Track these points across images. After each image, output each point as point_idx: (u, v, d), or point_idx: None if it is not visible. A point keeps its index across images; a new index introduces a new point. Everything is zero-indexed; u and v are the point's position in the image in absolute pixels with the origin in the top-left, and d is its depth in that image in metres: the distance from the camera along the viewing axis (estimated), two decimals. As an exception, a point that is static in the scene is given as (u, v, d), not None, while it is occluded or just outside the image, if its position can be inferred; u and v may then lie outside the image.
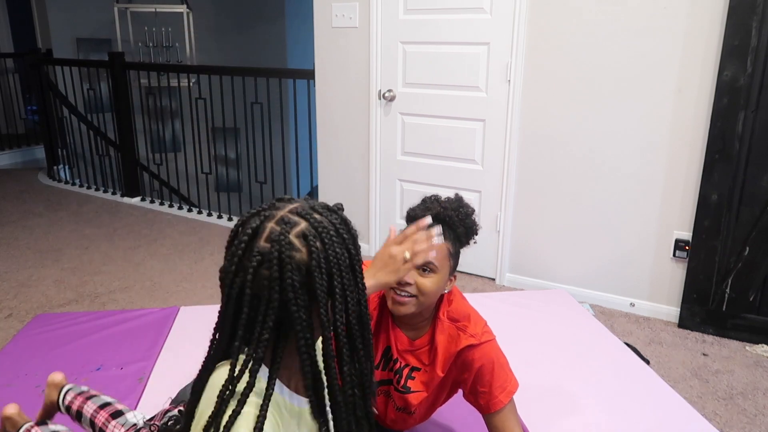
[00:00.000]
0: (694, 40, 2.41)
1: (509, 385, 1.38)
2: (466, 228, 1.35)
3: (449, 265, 1.33)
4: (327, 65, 3.31)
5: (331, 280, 0.83)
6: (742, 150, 2.36)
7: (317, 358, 0.86)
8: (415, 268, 1.27)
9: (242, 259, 0.82)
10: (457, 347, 1.36)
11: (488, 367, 1.36)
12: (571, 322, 2.47)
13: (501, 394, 1.36)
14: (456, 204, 1.36)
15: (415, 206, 1.39)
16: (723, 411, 2.00)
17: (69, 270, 3.15)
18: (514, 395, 1.38)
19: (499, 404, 1.36)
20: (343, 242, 0.84)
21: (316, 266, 0.81)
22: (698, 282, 2.54)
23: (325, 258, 0.82)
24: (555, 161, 2.81)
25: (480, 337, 1.37)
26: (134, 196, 4.60)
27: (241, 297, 0.81)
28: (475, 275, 3.17)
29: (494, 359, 1.37)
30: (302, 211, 0.85)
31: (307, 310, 0.81)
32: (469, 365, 1.37)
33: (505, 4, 2.76)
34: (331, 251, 0.82)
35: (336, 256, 0.83)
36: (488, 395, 1.36)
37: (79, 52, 5.70)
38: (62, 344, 2.20)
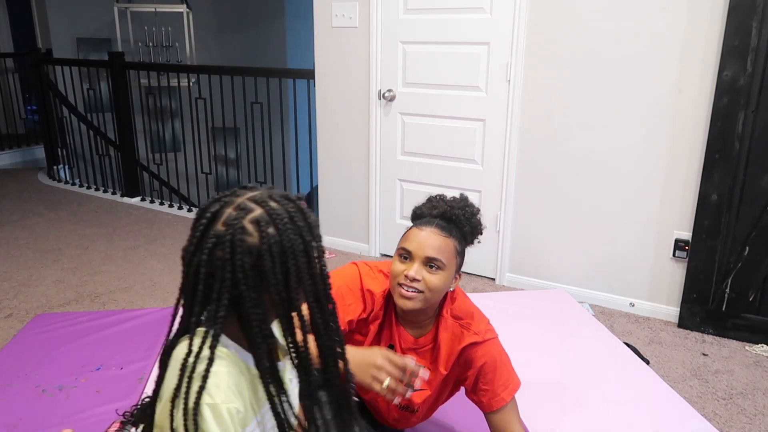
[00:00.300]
0: (694, 40, 2.42)
1: (511, 383, 1.38)
2: (471, 227, 1.36)
3: (456, 263, 1.33)
4: (327, 65, 3.31)
5: (285, 264, 0.88)
6: (742, 150, 2.36)
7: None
8: (423, 265, 1.28)
9: (200, 240, 0.89)
10: (460, 345, 1.37)
11: (491, 365, 1.36)
12: (571, 322, 2.47)
13: (503, 392, 1.36)
14: (462, 203, 1.37)
15: (421, 205, 1.41)
16: (723, 411, 2.00)
17: (69, 270, 3.15)
18: (516, 393, 1.39)
19: (501, 402, 1.36)
20: (298, 229, 0.90)
21: (267, 250, 0.87)
22: (698, 282, 2.54)
23: (277, 243, 0.88)
24: (555, 161, 2.81)
25: (483, 334, 1.37)
26: (134, 196, 4.60)
27: (198, 275, 0.89)
28: (475, 275, 3.17)
29: (497, 357, 1.37)
30: (259, 198, 0.91)
31: (256, 290, 0.88)
32: (472, 363, 1.37)
33: (505, 4, 2.76)
34: (284, 237, 0.88)
35: (290, 241, 0.88)
36: (491, 393, 1.36)
37: (79, 52, 5.70)
38: (62, 344, 2.20)
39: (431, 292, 1.29)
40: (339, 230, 3.52)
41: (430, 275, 1.28)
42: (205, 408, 0.89)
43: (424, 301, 1.30)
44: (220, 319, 0.89)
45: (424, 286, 1.28)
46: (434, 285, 1.28)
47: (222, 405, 0.90)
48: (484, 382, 1.37)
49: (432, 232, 1.30)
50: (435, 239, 1.29)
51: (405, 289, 1.28)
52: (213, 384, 0.90)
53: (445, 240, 1.30)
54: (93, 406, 1.80)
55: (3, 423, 1.72)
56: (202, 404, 0.89)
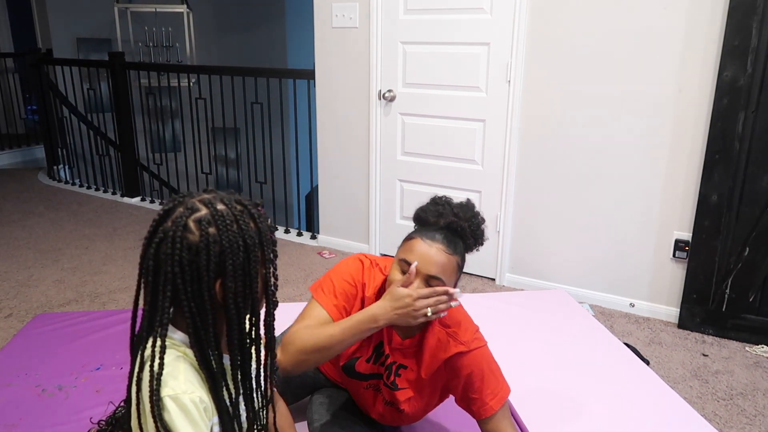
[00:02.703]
0: (694, 40, 2.42)
1: (501, 391, 1.37)
2: (475, 239, 1.35)
3: (455, 279, 1.32)
4: (327, 65, 3.31)
5: (223, 263, 0.94)
6: (742, 150, 2.36)
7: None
8: (422, 280, 1.27)
9: (151, 235, 0.96)
10: (446, 354, 1.36)
11: (478, 374, 1.35)
12: (570, 322, 2.47)
13: (492, 401, 1.35)
14: (469, 214, 1.35)
15: (426, 207, 1.38)
16: (723, 411, 2.00)
17: (69, 270, 3.15)
18: (506, 400, 1.37)
19: (490, 410, 1.35)
20: (241, 232, 0.95)
21: (204, 248, 0.93)
22: (698, 282, 2.54)
23: (216, 242, 0.94)
24: (555, 161, 2.81)
25: (470, 344, 1.36)
26: (134, 196, 4.60)
27: (147, 269, 0.96)
28: (475, 275, 3.17)
29: (484, 366, 1.36)
30: (207, 200, 0.98)
31: (191, 285, 0.94)
32: (459, 372, 1.36)
33: (505, 4, 2.76)
34: (224, 237, 0.94)
35: (229, 242, 0.94)
36: (480, 401, 1.36)
37: (79, 52, 5.70)
38: (62, 344, 2.20)
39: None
40: (339, 230, 3.52)
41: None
42: (167, 400, 0.92)
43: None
44: (165, 310, 0.94)
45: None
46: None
47: (184, 395, 0.93)
48: (473, 390, 1.36)
49: (438, 250, 1.27)
50: (439, 257, 1.27)
51: None
52: (170, 376, 0.94)
53: (449, 258, 1.28)
54: (93, 406, 1.80)
55: (3, 423, 1.72)
56: (163, 397, 0.92)
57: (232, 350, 0.98)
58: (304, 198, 5.56)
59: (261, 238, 0.98)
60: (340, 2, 3.15)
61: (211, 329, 0.96)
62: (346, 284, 1.41)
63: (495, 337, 2.29)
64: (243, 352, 1.00)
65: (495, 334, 2.32)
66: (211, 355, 0.97)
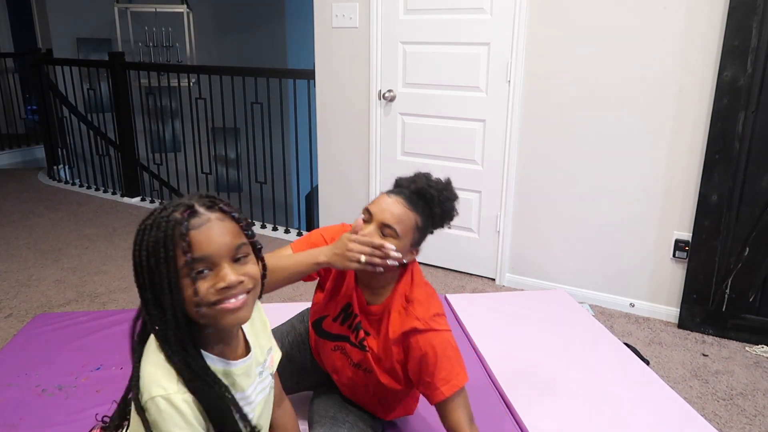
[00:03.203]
0: (694, 40, 2.42)
1: (454, 379, 1.32)
2: (442, 210, 1.38)
3: (412, 237, 1.34)
4: (327, 65, 3.31)
5: (150, 272, 0.90)
6: (742, 150, 2.36)
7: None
8: (377, 228, 1.31)
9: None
10: (402, 328, 1.35)
11: (431, 358, 1.32)
12: (570, 322, 2.47)
13: (443, 386, 1.32)
14: (442, 186, 1.39)
15: (404, 176, 1.43)
16: (723, 411, 2.00)
17: (69, 270, 3.15)
18: (460, 389, 1.33)
19: (440, 396, 1.32)
20: (156, 252, 0.89)
21: (137, 255, 0.92)
22: (698, 282, 2.54)
23: (139, 268, 0.91)
24: (555, 161, 2.81)
25: (427, 322, 1.34)
26: (134, 196, 4.60)
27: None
28: (475, 275, 3.17)
29: (438, 350, 1.33)
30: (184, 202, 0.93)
31: (145, 290, 0.92)
32: (413, 351, 1.34)
33: (505, 4, 2.76)
34: (143, 254, 0.91)
35: (148, 265, 0.90)
36: (432, 386, 1.33)
37: (79, 52, 5.70)
38: (62, 344, 2.20)
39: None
40: (339, 230, 3.51)
41: (384, 239, 1.30)
42: (160, 400, 0.90)
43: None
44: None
45: None
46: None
47: (176, 395, 0.91)
48: (426, 374, 1.33)
49: (397, 201, 1.32)
50: (397, 208, 1.31)
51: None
52: (163, 377, 0.92)
53: (407, 212, 1.31)
54: (93, 406, 1.79)
55: (3, 423, 1.72)
56: (155, 397, 0.90)
57: (166, 348, 0.93)
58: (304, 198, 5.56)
59: (167, 244, 0.89)
60: (340, 2, 3.15)
61: (170, 331, 0.92)
62: (317, 235, 1.47)
63: (495, 338, 2.29)
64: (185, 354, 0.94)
65: (495, 334, 2.32)
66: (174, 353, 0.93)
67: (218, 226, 0.92)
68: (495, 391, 1.92)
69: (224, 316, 0.93)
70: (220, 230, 0.92)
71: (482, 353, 2.15)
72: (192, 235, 0.89)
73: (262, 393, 1.11)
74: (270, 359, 1.16)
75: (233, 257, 0.93)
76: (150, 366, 0.94)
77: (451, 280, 3.11)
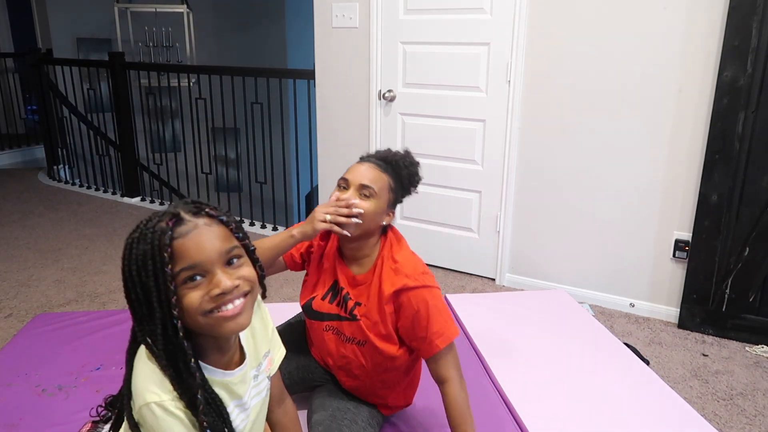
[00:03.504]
0: (694, 40, 2.42)
1: (447, 332, 1.41)
2: (409, 173, 1.51)
3: (387, 197, 1.45)
4: (327, 65, 3.31)
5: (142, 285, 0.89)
6: (742, 150, 2.36)
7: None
8: (356, 191, 1.41)
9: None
10: (394, 286, 1.40)
11: (424, 313, 1.39)
12: (571, 322, 2.47)
13: (437, 340, 1.39)
14: (403, 155, 1.53)
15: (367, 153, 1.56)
16: (723, 411, 2.00)
17: (69, 270, 3.15)
18: (452, 341, 1.42)
19: (435, 349, 1.40)
20: (144, 266, 0.88)
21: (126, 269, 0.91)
22: (698, 282, 2.54)
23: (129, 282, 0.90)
24: (555, 161, 2.81)
25: (417, 279, 1.40)
26: (134, 196, 4.60)
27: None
28: (475, 275, 3.17)
29: (431, 305, 1.40)
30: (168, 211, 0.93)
31: (137, 304, 0.91)
32: (405, 308, 1.40)
33: (505, 4, 2.76)
34: (133, 269, 0.90)
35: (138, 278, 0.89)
36: (425, 340, 1.40)
37: (79, 52, 5.71)
38: (62, 344, 2.20)
39: (364, 216, 1.39)
40: (339, 230, 3.51)
41: (363, 202, 1.40)
42: (153, 406, 0.89)
43: (355, 226, 1.39)
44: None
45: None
46: (365, 207, 1.39)
47: (169, 402, 0.90)
48: (420, 329, 1.40)
49: (369, 165, 1.46)
50: (370, 170, 1.44)
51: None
52: (155, 384, 0.90)
53: (380, 174, 1.44)
54: (93, 405, 1.79)
55: (3, 423, 1.72)
56: (150, 403, 0.89)
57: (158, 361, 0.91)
58: (304, 198, 5.56)
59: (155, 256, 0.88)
60: (340, 2, 3.15)
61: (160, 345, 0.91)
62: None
63: (495, 338, 2.29)
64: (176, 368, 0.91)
65: (495, 334, 2.32)
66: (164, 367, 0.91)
67: (206, 232, 0.90)
68: (495, 391, 1.92)
69: (223, 323, 0.90)
70: (208, 236, 0.89)
71: (482, 353, 2.15)
72: (180, 243, 0.87)
73: (257, 397, 1.10)
74: (267, 362, 1.15)
75: (226, 261, 0.90)
76: (143, 373, 0.93)
77: (451, 280, 3.11)
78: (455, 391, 1.40)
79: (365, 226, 1.41)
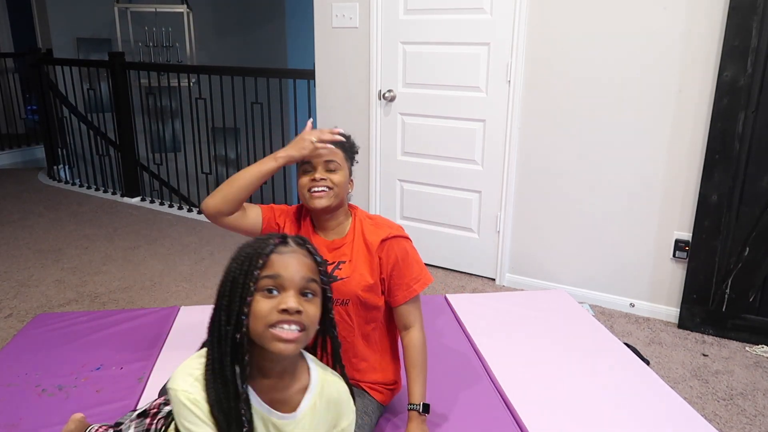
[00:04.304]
0: (694, 40, 2.42)
1: (423, 277, 1.59)
2: (350, 143, 1.62)
3: (347, 167, 1.59)
4: (327, 65, 3.31)
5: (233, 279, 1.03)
6: (742, 150, 2.36)
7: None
8: (323, 169, 1.53)
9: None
10: (380, 236, 1.56)
11: (404, 261, 1.56)
12: (571, 322, 2.47)
13: (415, 284, 1.57)
14: (335, 128, 1.60)
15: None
16: (723, 411, 2.00)
17: (69, 270, 3.15)
18: (426, 287, 1.59)
19: (413, 293, 1.57)
20: (242, 264, 1.03)
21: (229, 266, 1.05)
22: (698, 282, 2.54)
23: (225, 276, 1.04)
24: (555, 161, 2.81)
25: (397, 230, 1.59)
26: (134, 196, 4.60)
27: None
28: (475, 275, 3.17)
29: (410, 253, 1.58)
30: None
31: (222, 297, 1.04)
32: (389, 256, 1.55)
33: (505, 4, 2.76)
34: (233, 266, 1.04)
35: (234, 273, 1.02)
36: (403, 286, 1.57)
37: (79, 52, 5.70)
38: (62, 344, 2.20)
39: (337, 186, 1.53)
40: (339, 230, 3.51)
41: (331, 174, 1.53)
42: (170, 391, 1.01)
43: (334, 196, 1.53)
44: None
45: (329, 183, 1.52)
46: (337, 180, 1.53)
47: (180, 393, 0.99)
48: (400, 275, 1.56)
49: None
50: (326, 150, 1.55)
51: (315, 191, 1.52)
52: (185, 373, 1.01)
53: (334, 151, 1.56)
54: (93, 406, 1.79)
55: (3, 423, 1.72)
56: (172, 388, 1.00)
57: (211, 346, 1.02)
58: (304, 198, 5.55)
59: (252, 259, 1.02)
60: (340, 2, 3.15)
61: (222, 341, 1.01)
62: (282, 205, 1.70)
63: (495, 338, 2.29)
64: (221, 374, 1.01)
65: (495, 334, 2.32)
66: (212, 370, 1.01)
67: (299, 258, 1.05)
68: (495, 391, 1.92)
69: (274, 341, 1.00)
70: (299, 261, 1.04)
71: (482, 353, 2.15)
72: (275, 257, 1.03)
73: None
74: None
75: (301, 290, 1.03)
76: (187, 362, 1.03)
77: (451, 280, 3.11)
78: (420, 335, 1.59)
79: (340, 195, 1.55)
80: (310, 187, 1.52)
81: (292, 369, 1.09)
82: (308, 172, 1.55)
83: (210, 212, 1.56)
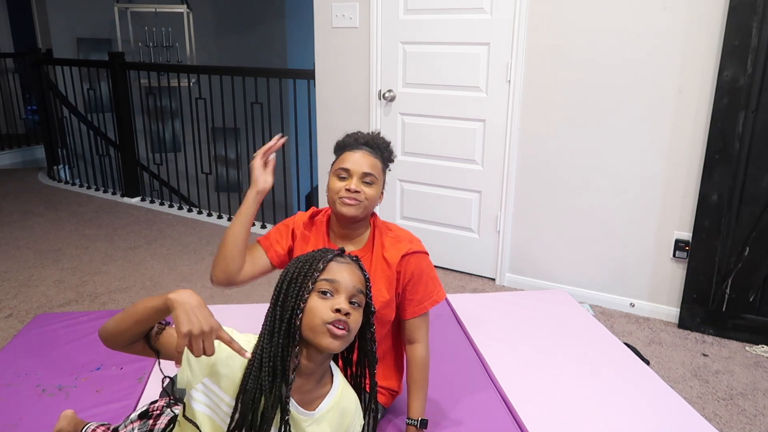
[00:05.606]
0: (694, 40, 2.42)
1: (435, 294, 1.59)
2: (389, 152, 1.60)
3: (383, 179, 1.58)
4: (327, 65, 3.31)
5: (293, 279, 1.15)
6: (742, 150, 2.36)
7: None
8: (359, 179, 1.50)
9: None
10: (400, 252, 1.54)
11: (420, 277, 1.55)
12: (571, 322, 2.47)
13: (427, 301, 1.57)
14: (377, 135, 1.61)
15: (344, 139, 1.61)
16: (723, 411, 2.00)
17: (69, 270, 3.15)
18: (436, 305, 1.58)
19: (423, 310, 1.57)
20: (302, 267, 1.16)
21: (291, 265, 1.18)
22: (698, 282, 2.54)
23: (284, 276, 1.17)
24: (555, 161, 2.81)
25: (417, 245, 1.58)
26: (134, 196, 4.60)
27: None
28: (475, 275, 3.17)
29: (425, 270, 1.57)
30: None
31: (278, 293, 1.15)
32: (406, 272, 1.54)
33: (505, 4, 2.76)
34: (292, 268, 1.16)
35: (292, 274, 1.15)
36: (414, 302, 1.56)
37: (79, 52, 5.70)
38: (62, 344, 2.20)
39: (368, 200, 1.51)
40: (339, 230, 3.51)
41: (366, 187, 1.51)
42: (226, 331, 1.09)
43: (363, 209, 1.51)
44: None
45: (362, 197, 1.50)
46: (370, 195, 1.52)
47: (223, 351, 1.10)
48: (412, 291, 1.55)
49: (364, 153, 1.54)
50: (368, 158, 1.53)
51: (347, 200, 1.49)
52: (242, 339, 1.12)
53: (375, 160, 1.54)
54: (93, 406, 1.80)
55: (3, 423, 1.72)
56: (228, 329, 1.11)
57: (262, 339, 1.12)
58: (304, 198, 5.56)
59: (313, 263, 1.15)
60: (340, 2, 3.15)
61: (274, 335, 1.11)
62: (281, 225, 1.68)
63: (495, 338, 2.29)
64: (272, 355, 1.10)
65: (495, 334, 2.32)
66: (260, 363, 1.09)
67: (353, 271, 1.18)
68: (495, 391, 1.92)
69: (326, 336, 1.10)
70: (352, 272, 1.18)
71: (482, 353, 2.15)
72: (333, 265, 1.16)
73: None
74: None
75: (350, 297, 1.15)
76: (241, 336, 1.13)
77: (451, 280, 3.11)
78: (424, 352, 1.58)
79: (369, 208, 1.53)
80: (341, 194, 1.50)
81: (321, 372, 1.18)
82: (343, 178, 1.52)
83: (220, 279, 1.53)
